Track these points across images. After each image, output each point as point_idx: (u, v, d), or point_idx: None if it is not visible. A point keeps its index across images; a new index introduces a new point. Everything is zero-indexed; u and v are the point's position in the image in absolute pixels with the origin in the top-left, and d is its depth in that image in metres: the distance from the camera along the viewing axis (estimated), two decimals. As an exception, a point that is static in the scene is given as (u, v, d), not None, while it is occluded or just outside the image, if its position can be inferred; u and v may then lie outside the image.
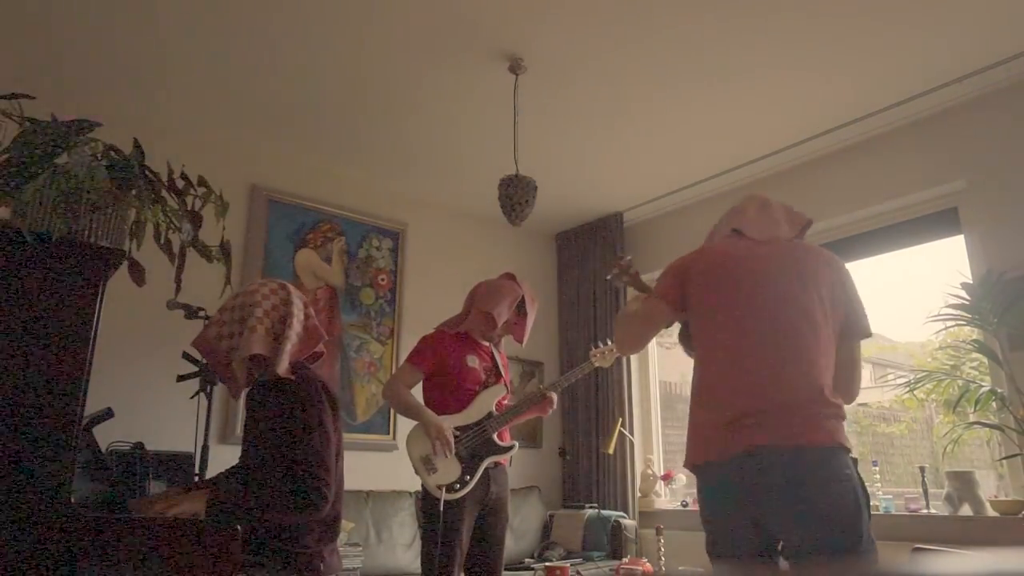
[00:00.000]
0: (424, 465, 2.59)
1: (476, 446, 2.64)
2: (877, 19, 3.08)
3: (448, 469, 2.58)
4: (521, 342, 2.90)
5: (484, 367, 2.80)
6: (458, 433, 2.64)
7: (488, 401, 2.72)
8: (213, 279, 2.60)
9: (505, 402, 2.82)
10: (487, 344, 2.87)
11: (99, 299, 1.72)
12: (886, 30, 3.16)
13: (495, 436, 2.68)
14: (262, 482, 1.94)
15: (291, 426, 1.94)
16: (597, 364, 2.98)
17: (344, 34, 3.21)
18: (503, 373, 2.86)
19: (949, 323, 3.32)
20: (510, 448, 2.72)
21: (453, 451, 2.59)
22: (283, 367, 1.96)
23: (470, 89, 3.64)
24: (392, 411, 4.44)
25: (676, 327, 2.16)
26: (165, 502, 1.86)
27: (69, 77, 3.52)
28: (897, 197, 3.79)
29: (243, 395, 2.16)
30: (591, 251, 5.32)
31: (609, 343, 3.02)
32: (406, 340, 4.55)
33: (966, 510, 3.23)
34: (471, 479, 2.59)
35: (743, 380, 1.78)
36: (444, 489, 2.53)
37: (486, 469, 2.65)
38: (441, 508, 2.50)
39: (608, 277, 2.23)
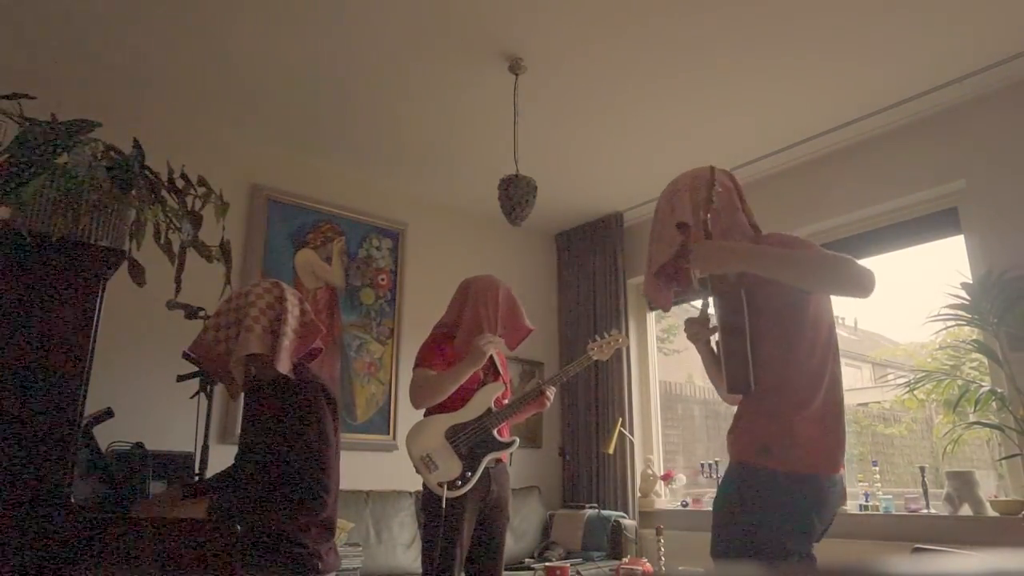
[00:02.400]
0: (424, 463, 2.58)
1: (476, 443, 2.64)
2: (877, 19, 3.08)
3: (449, 466, 2.58)
4: (511, 348, 2.91)
5: (482, 366, 2.80)
6: (457, 432, 2.64)
7: (486, 398, 2.71)
8: (213, 279, 2.60)
9: (504, 400, 2.81)
10: None
11: (99, 299, 1.72)
12: (886, 30, 3.16)
13: (495, 432, 2.68)
14: (260, 483, 1.94)
15: (290, 426, 1.95)
16: (595, 357, 2.97)
17: (344, 34, 3.21)
18: (501, 371, 2.86)
19: (949, 323, 3.32)
20: (510, 444, 2.71)
21: (498, 341, 2.67)
22: (284, 365, 1.96)
23: (470, 89, 3.64)
24: (392, 411, 4.44)
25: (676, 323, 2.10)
26: (166, 508, 1.87)
27: (69, 77, 3.52)
28: (897, 197, 3.79)
29: (242, 395, 2.16)
30: (591, 251, 5.32)
31: (607, 335, 3.00)
32: (406, 340, 4.55)
33: (966, 510, 3.24)
34: (472, 476, 2.58)
35: (839, 403, 1.79)
36: (446, 487, 2.53)
37: (487, 468, 2.65)
38: (443, 506, 2.49)
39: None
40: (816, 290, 1.72)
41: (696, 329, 1.98)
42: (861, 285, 1.60)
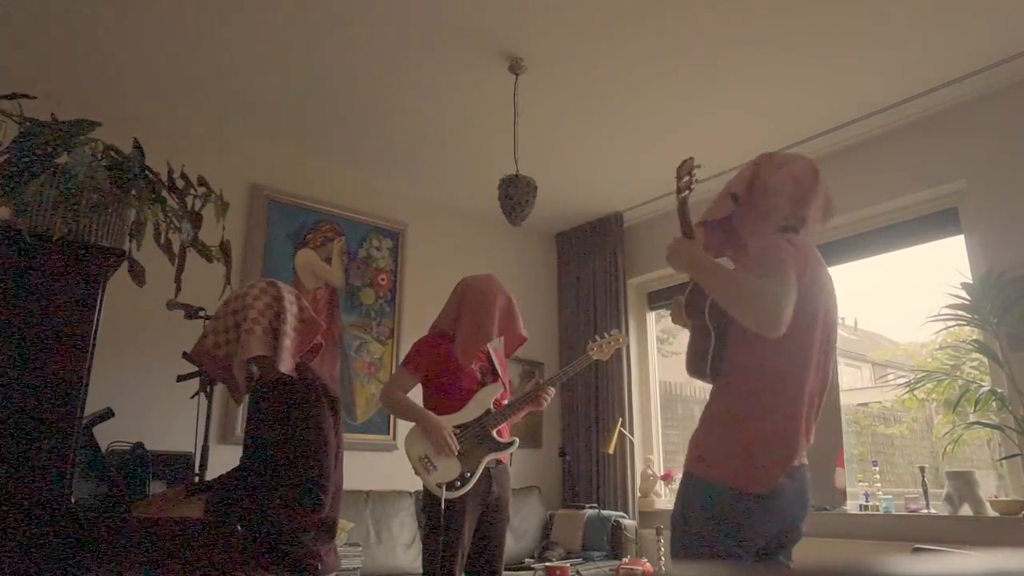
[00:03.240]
0: (423, 465, 2.58)
1: (476, 443, 2.64)
2: (877, 19, 3.08)
3: (448, 467, 2.58)
4: (508, 355, 2.91)
5: (480, 367, 2.80)
6: (457, 431, 2.63)
7: (485, 399, 2.71)
8: (213, 279, 2.60)
9: (504, 401, 2.81)
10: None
11: (99, 299, 1.72)
12: (886, 30, 3.16)
13: (494, 433, 2.68)
14: (260, 483, 1.94)
15: (289, 428, 1.94)
16: (595, 357, 2.97)
17: (344, 34, 3.21)
18: (500, 372, 2.85)
19: (949, 323, 3.32)
20: (510, 444, 2.71)
21: (456, 450, 2.58)
22: (286, 365, 1.96)
23: (470, 89, 3.64)
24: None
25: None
26: (164, 507, 1.87)
27: (69, 77, 3.52)
28: (897, 197, 3.79)
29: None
30: (591, 251, 5.32)
31: (607, 335, 3.00)
32: (406, 340, 4.55)
33: (966, 510, 3.24)
34: (472, 476, 2.58)
35: (804, 400, 1.71)
36: (444, 487, 2.52)
37: (487, 468, 2.65)
38: (442, 507, 2.49)
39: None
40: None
41: (678, 311, 1.98)
42: (765, 330, 1.55)
